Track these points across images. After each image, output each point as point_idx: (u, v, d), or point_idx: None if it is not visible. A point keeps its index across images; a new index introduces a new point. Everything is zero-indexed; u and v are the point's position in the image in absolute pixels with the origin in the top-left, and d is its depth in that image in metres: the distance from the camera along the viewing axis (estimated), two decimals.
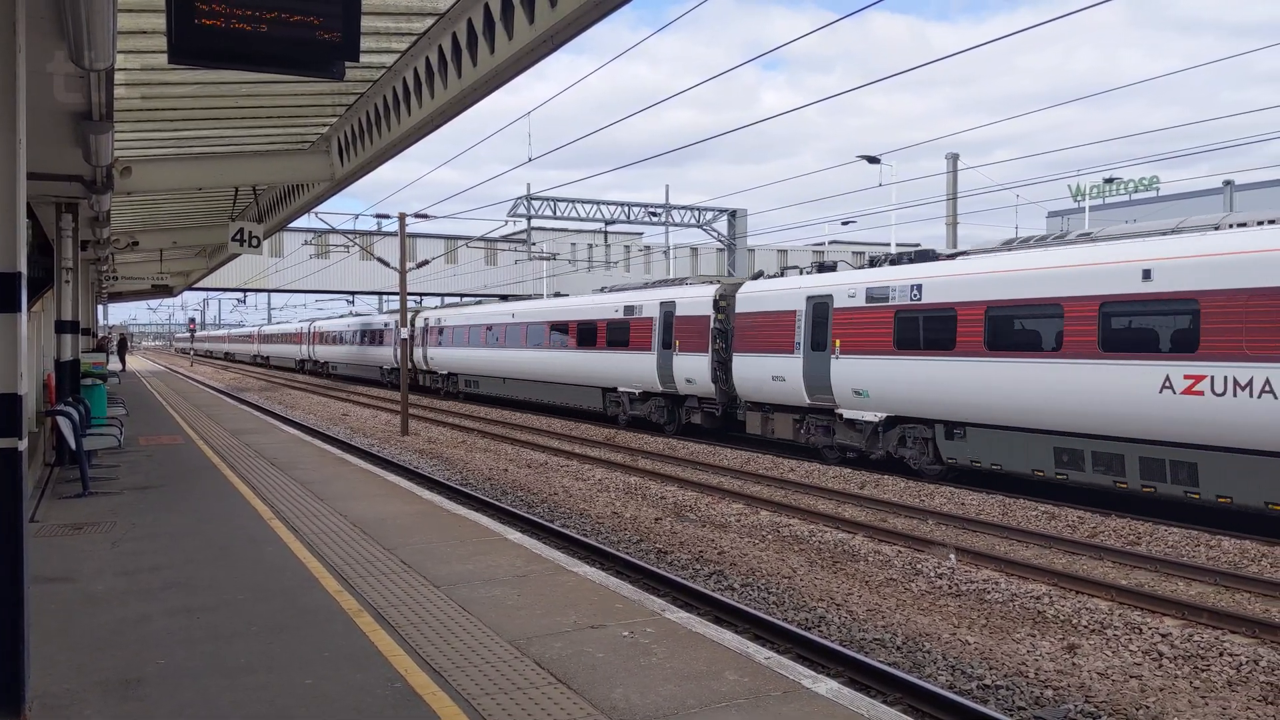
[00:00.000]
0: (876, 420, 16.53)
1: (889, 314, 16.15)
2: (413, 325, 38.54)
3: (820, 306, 17.76)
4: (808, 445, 18.63)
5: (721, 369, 20.92)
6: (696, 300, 22.06)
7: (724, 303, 21.15)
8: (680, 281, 24.82)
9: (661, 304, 22.97)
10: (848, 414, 17.13)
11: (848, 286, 17.21)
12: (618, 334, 24.53)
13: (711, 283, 22.60)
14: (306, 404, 35.65)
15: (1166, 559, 10.40)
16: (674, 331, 22.30)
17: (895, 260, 17.28)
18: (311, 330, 58.05)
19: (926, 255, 17.01)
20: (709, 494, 14.95)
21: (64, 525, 9.32)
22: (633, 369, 23.81)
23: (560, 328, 27.52)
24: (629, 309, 24.26)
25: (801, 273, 19.73)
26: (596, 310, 25.98)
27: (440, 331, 37.04)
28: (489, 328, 32.60)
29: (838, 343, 17.11)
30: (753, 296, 20.05)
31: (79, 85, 7.40)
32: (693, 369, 21.74)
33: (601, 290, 28.39)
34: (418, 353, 38.81)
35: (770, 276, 20.82)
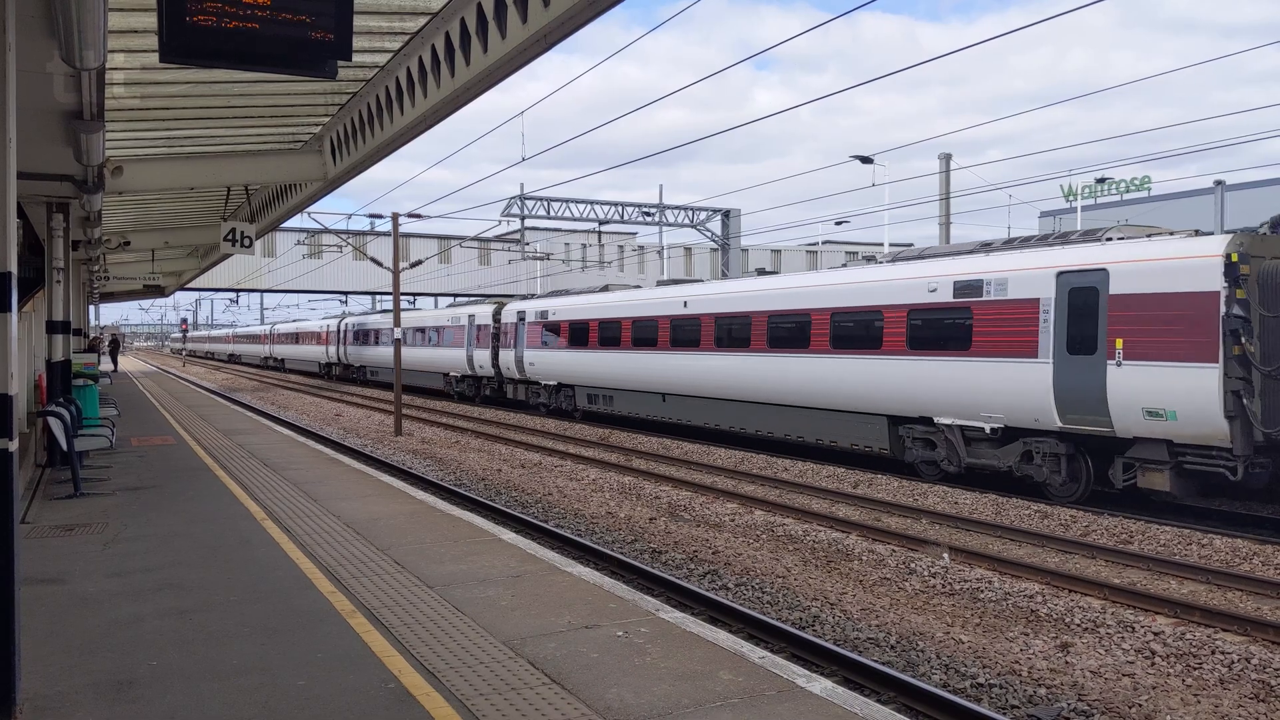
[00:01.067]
0: None
1: None
2: (497, 319, 31.03)
3: None
4: None
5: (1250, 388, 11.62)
6: (1181, 262, 12.30)
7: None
8: (1055, 237, 14.97)
9: (1062, 275, 13.39)
10: None
11: None
12: (936, 329, 15.30)
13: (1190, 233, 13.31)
14: (299, 404, 35.56)
15: (1159, 558, 10.43)
16: (1106, 322, 12.73)
17: None
18: (344, 328, 49.53)
19: None
20: (703, 494, 14.95)
21: (55, 526, 9.28)
22: (979, 388, 14.44)
23: (789, 321, 18.26)
24: (966, 287, 14.73)
25: None
26: (875, 292, 16.49)
27: (547, 328, 27.78)
28: (637, 322, 23.31)
29: None
30: None
31: (70, 84, 7.36)
32: (1176, 391, 11.97)
33: (869, 261, 19.03)
34: (506, 356, 30.40)
35: None
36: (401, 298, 28.55)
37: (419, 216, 28.34)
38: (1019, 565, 10.18)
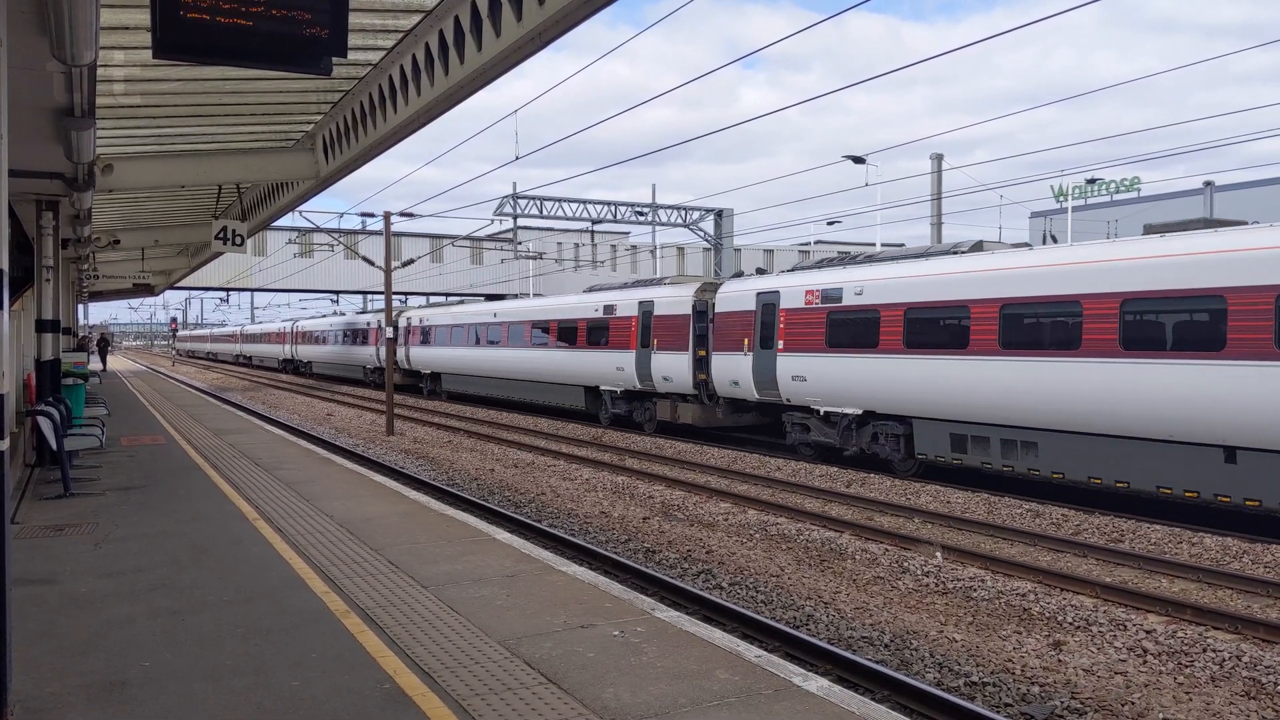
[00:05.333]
0: None
1: None
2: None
3: None
4: None
5: None
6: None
7: None
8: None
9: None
10: None
11: None
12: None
13: None
14: (290, 404, 35.42)
15: (1150, 556, 10.47)
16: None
17: None
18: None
19: None
20: (696, 493, 14.94)
21: (45, 526, 9.22)
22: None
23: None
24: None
25: None
26: None
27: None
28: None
29: None
30: None
31: (61, 81, 7.31)
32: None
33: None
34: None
35: None
36: (394, 296, 28.45)
37: (411, 215, 28.24)
38: (1011, 564, 10.21)
